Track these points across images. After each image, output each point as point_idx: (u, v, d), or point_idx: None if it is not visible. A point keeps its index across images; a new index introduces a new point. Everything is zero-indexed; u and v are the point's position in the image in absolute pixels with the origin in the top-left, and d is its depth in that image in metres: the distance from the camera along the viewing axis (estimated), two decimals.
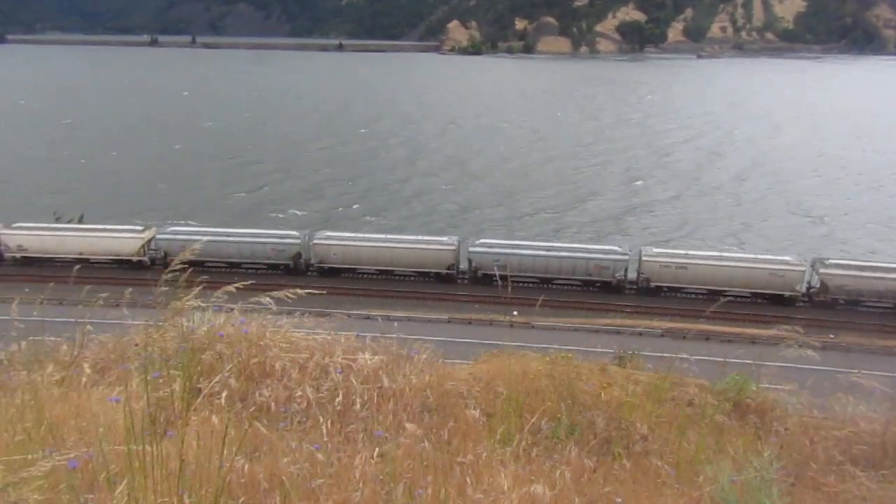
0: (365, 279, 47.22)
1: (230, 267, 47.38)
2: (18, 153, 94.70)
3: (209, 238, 46.71)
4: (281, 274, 47.07)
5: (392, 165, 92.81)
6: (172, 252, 46.06)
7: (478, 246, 46.65)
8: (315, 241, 47.49)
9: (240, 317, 6.32)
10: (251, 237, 47.98)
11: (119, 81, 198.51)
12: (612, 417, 6.01)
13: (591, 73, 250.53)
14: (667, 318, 37.43)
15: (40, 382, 4.94)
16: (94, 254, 47.14)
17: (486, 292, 42.61)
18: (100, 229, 48.68)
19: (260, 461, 4.28)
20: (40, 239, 47.43)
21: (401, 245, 46.78)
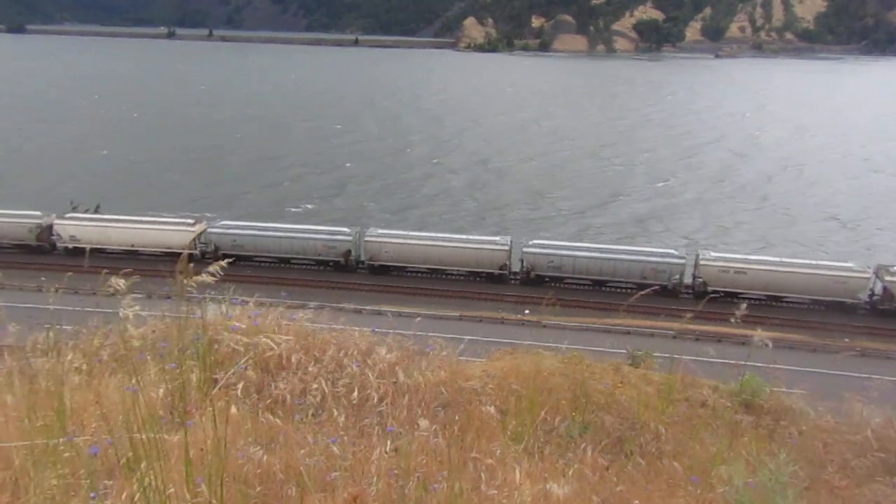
0: (414, 277, 46.99)
1: (279, 262, 47.85)
2: (38, 141, 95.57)
3: (259, 233, 47.95)
4: (330, 270, 47.45)
5: (414, 162, 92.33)
6: (223, 246, 47.54)
7: (532, 247, 46.27)
8: (367, 238, 47.50)
9: (254, 309, 6.36)
10: (302, 233, 48.20)
11: (138, 73, 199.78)
12: (626, 417, 6.01)
13: (610, 71, 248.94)
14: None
15: (61, 370, 5.01)
16: (145, 246, 47.67)
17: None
18: (151, 222, 49.25)
19: (275, 452, 4.32)
20: (91, 230, 47.83)
21: (453, 244, 46.52)
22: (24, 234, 48.04)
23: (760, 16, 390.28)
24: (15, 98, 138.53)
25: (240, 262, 48.23)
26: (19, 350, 5.45)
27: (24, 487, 3.58)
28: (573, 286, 44.72)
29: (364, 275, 47.43)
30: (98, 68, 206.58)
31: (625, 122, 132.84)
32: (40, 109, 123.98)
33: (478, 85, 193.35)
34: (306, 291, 42.10)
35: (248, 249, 47.73)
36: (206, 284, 5.28)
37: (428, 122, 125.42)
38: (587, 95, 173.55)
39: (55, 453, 3.74)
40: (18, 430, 4.17)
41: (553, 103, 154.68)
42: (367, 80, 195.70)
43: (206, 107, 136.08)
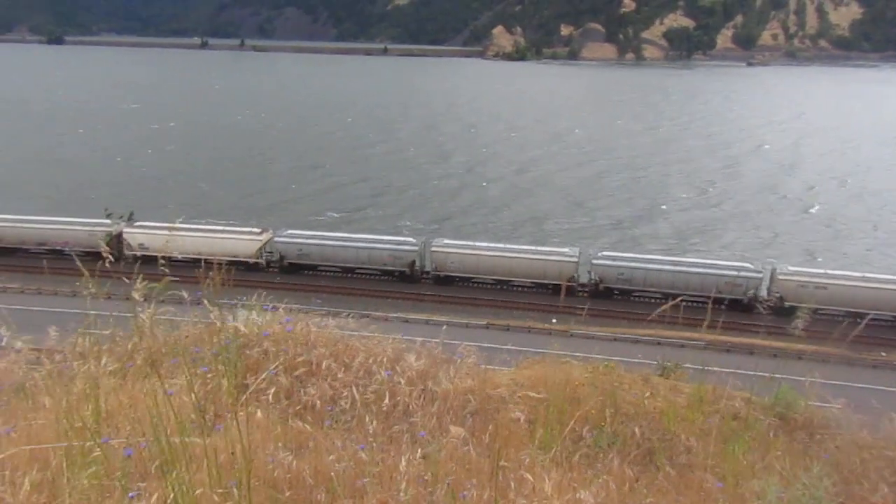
0: (479, 288, 46.64)
1: (344, 272, 47.99)
2: (76, 149, 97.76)
3: (325, 242, 48.16)
4: (395, 280, 47.38)
5: (449, 172, 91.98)
6: (288, 255, 48.12)
7: (601, 258, 45.55)
8: (433, 248, 47.31)
9: (285, 315, 6.42)
10: (369, 242, 48.13)
11: (174, 82, 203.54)
12: (655, 428, 5.94)
13: (643, 80, 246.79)
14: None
15: (97, 373, 5.11)
16: (212, 254, 47.87)
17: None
18: (219, 230, 49.76)
19: (305, 458, 4.35)
20: (160, 238, 47.87)
21: (521, 255, 45.83)
22: (95, 243, 48.82)
23: (794, 23, 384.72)
24: (56, 107, 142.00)
25: (304, 271, 48.60)
26: (59, 353, 5.58)
27: (61, 488, 3.65)
28: (645, 299, 43.61)
29: (428, 285, 47.29)
30: (136, 78, 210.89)
31: (662, 131, 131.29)
32: (79, 118, 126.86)
33: (510, 93, 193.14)
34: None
35: (313, 259, 48.18)
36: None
37: (462, 131, 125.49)
38: (622, 104, 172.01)
39: (90, 455, 3.81)
40: (55, 432, 4.26)
41: (587, 112, 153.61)
42: (398, 89, 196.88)
43: (240, 116, 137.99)
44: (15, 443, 3.95)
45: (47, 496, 3.64)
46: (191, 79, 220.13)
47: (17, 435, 4.11)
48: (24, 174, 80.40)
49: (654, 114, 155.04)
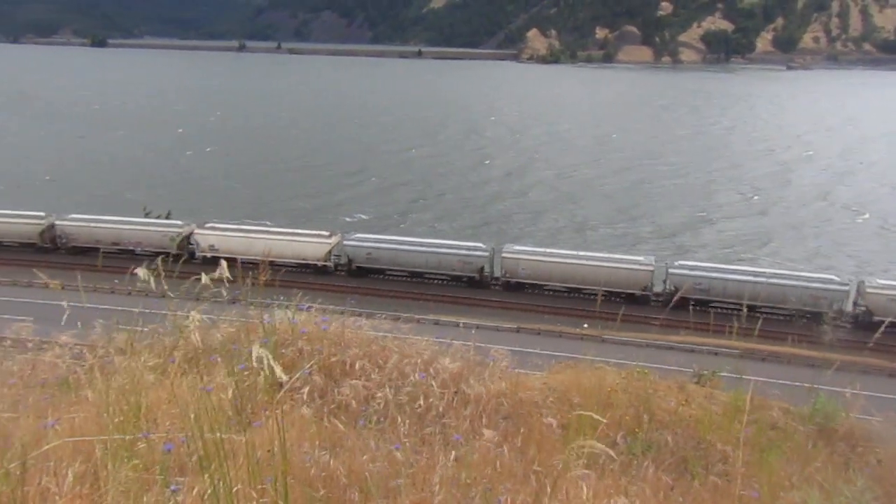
0: (549, 296, 45.57)
1: (412, 276, 47.70)
2: (119, 150, 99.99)
3: (395, 247, 47.89)
4: (463, 286, 46.87)
5: (491, 176, 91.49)
6: (357, 258, 48.06)
7: (678, 267, 44.42)
8: (504, 253, 46.71)
9: (321, 315, 6.48)
10: (438, 247, 47.71)
11: (214, 85, 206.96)
12: (691, 436, 5.85)
13: (684, 83, 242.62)
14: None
15: (137, 369, 5.21)
16: (281, 256, 47.80)
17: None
18: (288, 233, 50.06)
19: (339, 457, 4.38)
20: (231, 240, 48.80)
21: (595, 263, 44.77)
22: (166, 243, 49.08)
23: (836, 26, 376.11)
24: (98, 109, 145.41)
25: (372, 275, 48.38)
26: (101, 348, 5.71)
27: (103, 480, 3.73)
28: (719, 310, 40.85)
29: (497, 291, 46.65)
30: (179, 80, 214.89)
31: (705, 135, 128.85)
32: (122, 120, 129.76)
33: (546, 97, 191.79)
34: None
35: (382, 263, 48.04)
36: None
37: (501, 135, 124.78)
38: (665, 109, 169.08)
39: (131, 448, 3.89)
40: (98, 425, 4.36)
41: (629, 117, 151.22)
42: (434, 92, 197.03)
43: (278, 118, 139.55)
44: (59, 435, 4.04)
45: (90, 488, 3.72)
46: (231, 81, 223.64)
47: (60, 428, 4.21)
48: (71, 174, 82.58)
49: (696, 118, 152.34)
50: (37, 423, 4.24)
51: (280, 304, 6.58)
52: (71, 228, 50.28)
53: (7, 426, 4.10)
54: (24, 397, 4.81)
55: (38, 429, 4.16)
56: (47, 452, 3.80)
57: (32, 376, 5.52)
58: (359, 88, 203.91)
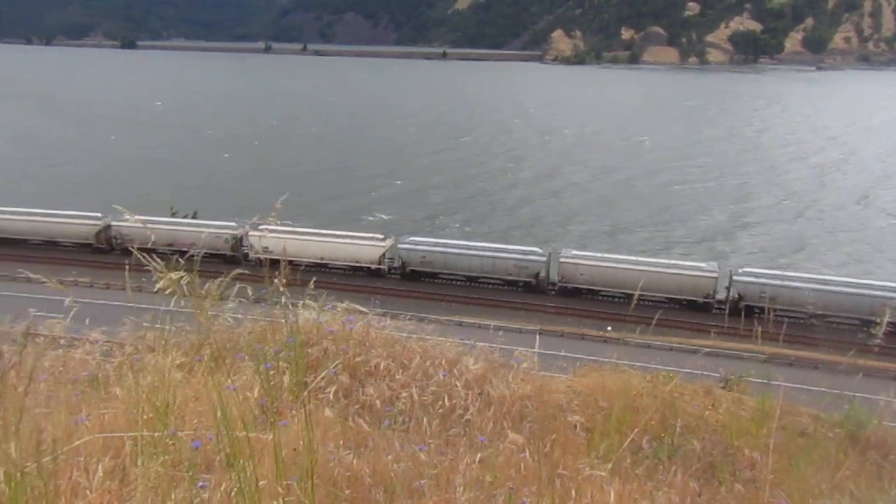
0: (609, 302, 44.52)
1: (466, 280, 47.22)
2: (140, 151, 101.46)
3: (450, 250, 47.49)
4: (519, 291, 46.48)
5: (532, 179, 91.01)
6: (411, 262, 47.91)
7: (744, 274, 43.39)
8: (562, 259, 45.99)
9: (346, 315, 6.50)
10: (493, 251, 47.44)
11: (243, 86, 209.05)
12: (718, 442, 5.78)
13: (714, 84, 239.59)
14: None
15: (165, 366, 5.27)
16: (335, 259, 48.58)
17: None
18: (342, 235, 50.30)
19: (364, 457, 4.40)
20: (284, 242, 49.35)
21: (656, 269, 43.35)
22: (220, 245, 49.77)
23: (868, 25, 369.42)
24: (127, 110, 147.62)
25: (425, 278, 48.17)
26: (130, 345, 5.79)
27: (132, 475, 3.78)
28: (785, 319, 39.72)
29: (553, 297, 45.98)
30: (208, 82, 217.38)
31: (742, 138, 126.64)
32: (153, 122, 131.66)
33: (577, 98, 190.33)
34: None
35: (436, 266, 47.73)
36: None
37: (535, 137, 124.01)
38: (696, 110, 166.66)
39: (159, 445, 3.93)
40: (126, 421, 4.41)
41: (660, 119, 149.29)
42: (464, 93, 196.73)
43: (305, 120, 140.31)
44: (89, 431, 4.11)
45: (119, 483, 3.76)
46: (258, 82, 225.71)
47: (91, 423, 4.27)
48: (104, 175, 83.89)
49: (728, 119, 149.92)
50: (68, 419, 4.31)
51: (306, 304, 6.62)
52: (126, 229, 50.47)
53: (40, 421, 4.17)
54: (56, 393, 4.90)
55: (69, 424, 4.23)
56: (78, 448, 3.86)
57: (64, 372, 5.62)
58: (387, 90, 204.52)
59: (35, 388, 4.81)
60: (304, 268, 47.19)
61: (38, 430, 4.16)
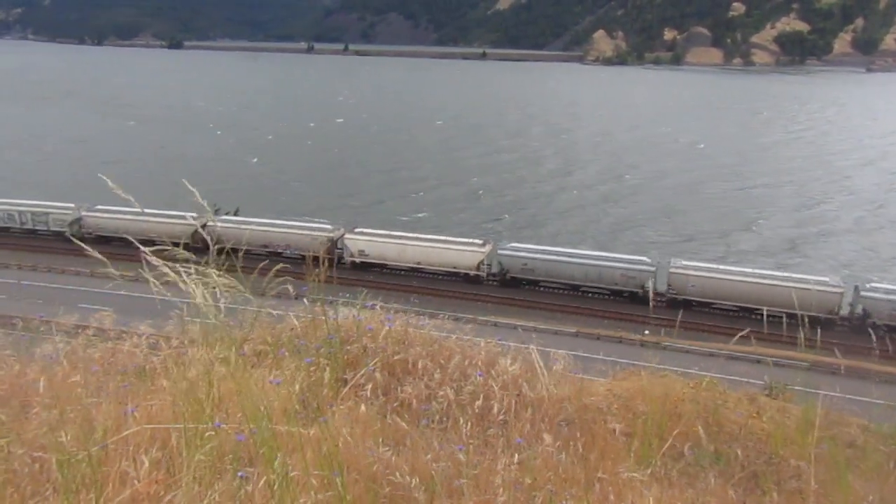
0: (721, 315, 42.73)
1: (568, 289, 46.05)
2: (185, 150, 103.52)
3: (553, 258, 46.48)
4: (624, 301, 44.95)
5: (590, 182, 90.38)
6: (512, 269, 47.24)
7: (871, 290, 40.89)
8: (672, 269, 44.55)
9: (386, 314, 6.55)
10: (599, 260, 46.06)
11: (285, 86, 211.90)
12: (761, 450, 5.65)
13: (767, 87, 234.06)
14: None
15: (209, 360, 5.38)
16: (432, 264, 48.06)
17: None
18: (440, 240, 49.75)
19: (402, 455, 4.42)
20: (381, 246, 49.07)
21: (777, 283, 40.88)
22: (315, 247, 49.55)
23: None
24: (176, 110, 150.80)
25: (524, 285, 47.19)
26: (175, 339, 5.92)
27: (177, 466, 3.87)
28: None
29: (660, 308, 44.32)
30: (254, 82, 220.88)
31: (807, 143, 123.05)
32: (198, 123, 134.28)
33: (627, 100, 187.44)
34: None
35: (538, 274, 46.80)
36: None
37: (592, 138, 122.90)
38: (750, 113, 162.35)
39: (204, 437, 4.01)
40: (172, 414, 4.51)
41: (716, 121, 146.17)
42: (510, 95, 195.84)
43: (349, 119, 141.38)
44: (137, 421, 4.21)
45: (165, 473, 3.85)
46: (302, 82, 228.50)
47: (138, 415, 4.38)
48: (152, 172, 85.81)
49: (787, 123, 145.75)
50: (117, 410, 4.42)
51: (346, 301, 6.69)
52: (222, 230, 50.90)
53: (90, 411, 4.29)
54: (105, 384, 5.03)
55: (118, 415, 4.35)
56: (126, 438, 3.96)
57: (113, 364, 5.78)
58: (435, 91, 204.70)
59: (86, 379, 4.96)
60: (392, 270, 47.16)
61: (88, 419, 4.29)
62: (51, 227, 55.41)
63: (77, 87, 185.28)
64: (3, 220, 56.83)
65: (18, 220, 56.42)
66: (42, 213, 55.74)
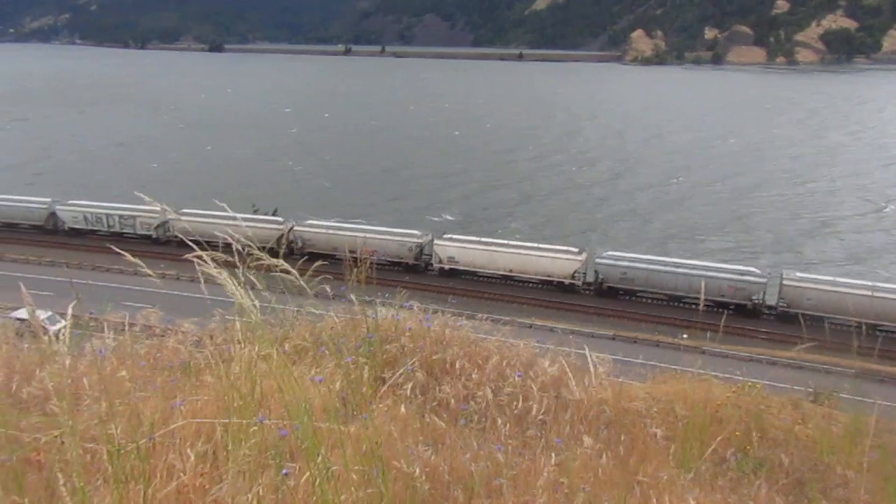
0: (841, 332, 38.61)
1: (669, 300, 44.09)
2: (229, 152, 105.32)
3: (655, 267, 44.62)
4: (731, 314, 40.06)
5: (600, 179, 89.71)
6: (610, 278, 45.55)
7: None
8: (785, 280, 42.39)
9: (424, 314, 6.58)
10: (705, 270, 43.56)
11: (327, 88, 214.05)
12: (807, 457, 5.53)
13: (822, 87, 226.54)
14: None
15: (252, 357, 5.47)
16: (525, 272, 47.01)
17: None
18: (534, 247, 48.61)
19: (441, 454, 4.44)
20: (472, 252, 48.23)
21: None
22: (404, 253, 49.95)
23: None
24: (216, 112, 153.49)
25: (621, 295, 45.49)
26: (219, 336, 6.04)
27: (222, 460, 3.95)
28: None
29: (769, 322, 42.49)
30: (293, 84, 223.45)
31: (881, 147, 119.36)
32: (241, 124, 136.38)
33: (676, 101, 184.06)
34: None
35: (637, 284, 45.19)
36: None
37: (649, 140, 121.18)
38: (812, 113, 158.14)
39: (248, 432, 4.09)
40: (216, 408, 4.61)
41: (778, 121, 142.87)
42: (554, 97, 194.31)
43: (388, 121, 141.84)
44: (183, 415, 4.31)
45: (210, 467, 3.94)
46: (340, 84, 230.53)
47: (185, 409, 4.48)
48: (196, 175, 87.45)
49: (850, 124, 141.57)
50: (164, 404, 4.53)
51: (384, 302, 6.74)
52: (309, 234, 51.02)
53: (138, 405, 4.41)
54: (153, 379, 5.16)
55: (165, 408, 4.46)
56: (173, 431, 4.06)
57: (159, 360, 5.92)
58: (477, 92, 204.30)
59: (135, 373, 5.09)
60: (482, 278, 46.40)
61: (136, 412, 4.41)
62: (138, 230, 56.51)
63: (134, 91, 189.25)
64: (91, 222, 58.33)
65: (106, 223, 57.75)
66: (129, 216, 56.97)
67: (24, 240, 57.31)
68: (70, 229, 58.63)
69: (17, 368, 5.62)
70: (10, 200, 60.83)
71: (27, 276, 43.74)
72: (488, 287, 48.08)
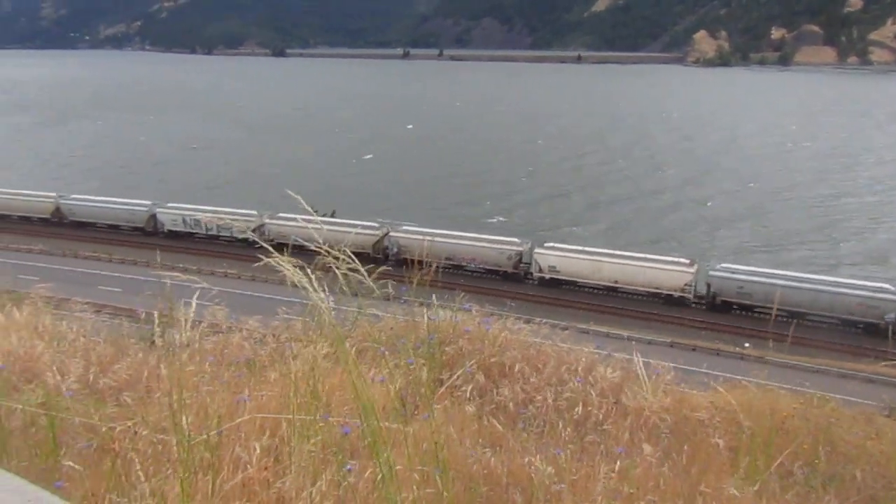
0: None
1: (790, 316, 38.82)
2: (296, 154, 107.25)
3: (778, 282, 40.86)
4: (859, 334, 39.57)
5: (667, 185, 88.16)
6: (724, 292, 42.94)
7: None
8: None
9: (483, 317, 6.59)
10: (832, 286, 41.06)
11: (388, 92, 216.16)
12: (881, 474, 5.31)
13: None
14: None
15: (313, 355, 5.59)
16: (632, 284, 45.39)
17: None
18: (641, 258, 46.46)
19: (500, 456, 4.45)
20: (575, 262, 46.80)
21: None
22: (503, 261, 49.22)
23: None
24: (289, 118, 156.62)
25: (736, 310, 42.58)
26: (282, 334, 6.19)
27: (286, 455, 4.05)
28: None
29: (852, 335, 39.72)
30: (355, 87, 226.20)
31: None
32: (304, 128, 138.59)
33: (752, 104, 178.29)
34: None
35: (755, 299, 41.95)
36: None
37: (721, 145, 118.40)
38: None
39: (311, 428, 4.18)
40: (279, 404, 4.72)
41: (867, 126, 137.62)
42: (627, 100, 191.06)
43: (448, 125, 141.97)
44: (249, 410, 4.43)
45: (274, 461, 4.04)
46: (401, 88, 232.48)
47: (251, 404, 4.61)
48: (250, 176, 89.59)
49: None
50: (230, 398, 4.67)
51: (442, 304, 6.78)
52: (405, 240, 49.77)
53: (206, 398, 4.55)
54: (220, 374, 5.32)
55: (231, 403, 4.59)
56: (239, 425, 4.18)
57: (225, 356, 6.10)
58: (540, 95, 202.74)
59: (203, 368, 5.27)
60: (583, 288, 45.03)
61: (203, 406, 4.56)
62: (234, 233, 57.07)
63: (212, 99, 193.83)
64: (189, 225, 59.91)
65: (204, 227, 58.97)
66: (226, 220, 58.48)
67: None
68: (169, 231, 60.28)
69: (93, 360, 5.89)
70: (114, 203, 62.65)
71: (126, 276, 45.72)
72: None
